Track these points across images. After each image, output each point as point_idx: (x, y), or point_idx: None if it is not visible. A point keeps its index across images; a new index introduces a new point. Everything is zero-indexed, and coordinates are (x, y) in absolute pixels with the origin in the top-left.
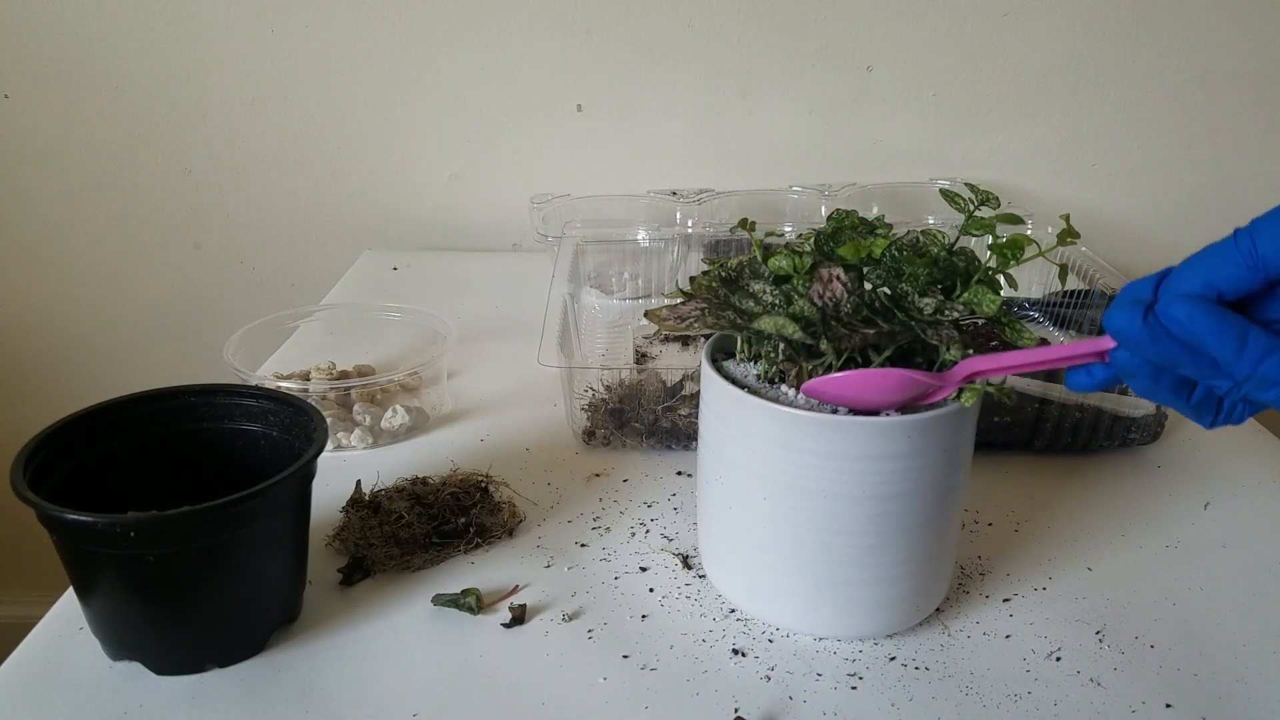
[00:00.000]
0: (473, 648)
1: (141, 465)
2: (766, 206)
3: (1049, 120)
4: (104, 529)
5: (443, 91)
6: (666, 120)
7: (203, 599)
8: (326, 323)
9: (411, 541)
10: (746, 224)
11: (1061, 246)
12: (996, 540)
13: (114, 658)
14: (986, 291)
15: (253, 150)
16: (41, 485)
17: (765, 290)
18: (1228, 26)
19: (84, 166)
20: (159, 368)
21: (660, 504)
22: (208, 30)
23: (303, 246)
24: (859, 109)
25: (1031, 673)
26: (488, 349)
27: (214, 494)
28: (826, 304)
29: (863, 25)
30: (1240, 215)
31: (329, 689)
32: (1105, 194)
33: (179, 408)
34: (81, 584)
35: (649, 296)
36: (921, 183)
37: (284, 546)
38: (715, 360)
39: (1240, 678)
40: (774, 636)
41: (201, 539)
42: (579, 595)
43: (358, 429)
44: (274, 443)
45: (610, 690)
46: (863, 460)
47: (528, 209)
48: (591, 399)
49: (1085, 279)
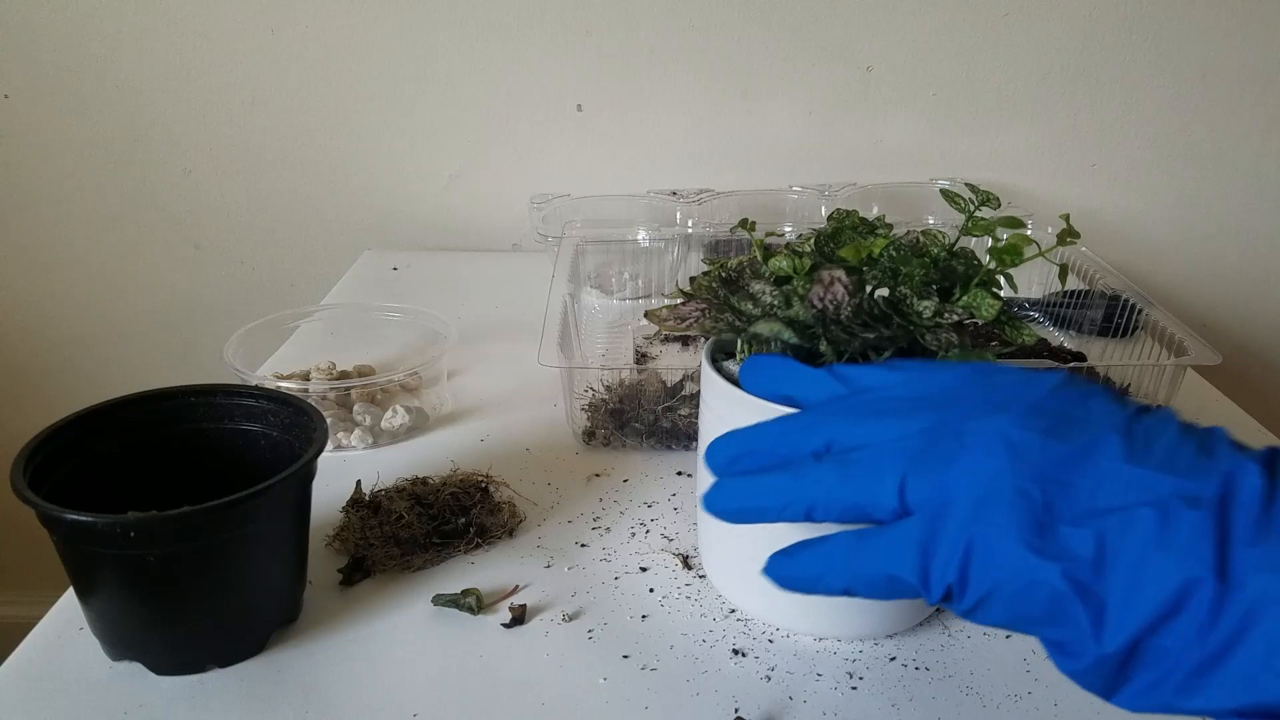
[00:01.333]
0: (473, 648)
1: (142, 465)
2: (766, 206)
3: (1049, 120)
4: (104, 529)
5: (443, 91)
6: (666, 120)
7: (203, 599)
8: (326, 323)
9: (411, 541)
10: (747, 224)
11: (1061, 247)
12: None
13: (114, 658)
14: (985, 295)
15: (253, 150)
16: (41, 485)
17: (765, 291)
18: (1228, 26)
19: (84, 166)
20: (159, 368)
21: (660, 504)
22: (208, 30)
23: (303, 246)
24: (859, 109)
25: (1031, 673)
26: (488, 349)
27: (214, 494)
28: (827, 307)
29: (863, 25)
30: (1240, 215)
31: (329, 689)
32: (1105, 194)
33: (179, 408)
34: (81, 584)
35: (649, 296)
36: (921, 183)
37: (284, 546)
38: (715, 360)
39: None
40: (774, 637)
41: (202, 539)
42: (579, 595)
43: (358, 429)
44: (274, 443)
45: (610, 690)
46: None
47: (528, 209)
48: (591, 399)
49: (1085, 279)
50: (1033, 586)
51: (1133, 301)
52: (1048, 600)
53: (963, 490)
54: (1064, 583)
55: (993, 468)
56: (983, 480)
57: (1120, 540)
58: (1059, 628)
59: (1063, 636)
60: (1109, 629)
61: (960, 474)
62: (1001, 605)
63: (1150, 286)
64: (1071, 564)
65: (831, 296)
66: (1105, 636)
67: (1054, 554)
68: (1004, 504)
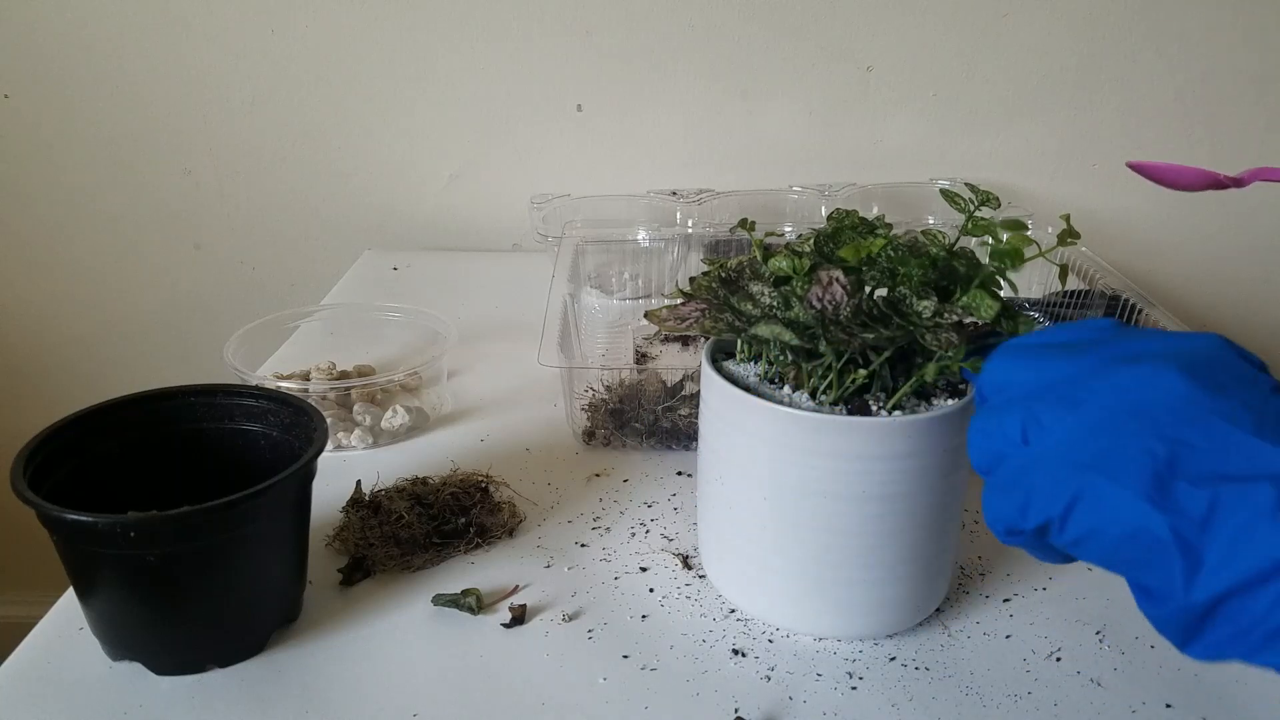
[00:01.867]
0: (473, 648)
1: (142, 465)
2: (766, 206)
3: (1049, 120)
4: (104, 529)
5: (443, 91)
6: (667, 120)
7: (203, 599)
8: (326, 323)
9: (412, 541)
10: (746, 224)
11: (1061, 247)
12: (997, 540)
13: (114, 658)
14: (985, 296)
15: (253, 150)
16: (41, 485)
17: (764, 292)
18: (1228, 26)
19: (84, 166)
20: (159, 368)
21: (660, 504)
22: (208, 30)
23: (303, 246)
24: (859, 109)
25: (1031, 673)
26: (488, 349)
27: (214, 494)
28: (825, 307)
29: (863, 25)
30: (1240, 215)
31: (329, 689)
32: (1105, 194)
33: (179, 408)
34: (81, 584)
35: (649, 296)
36: (921, 183)
37: (284, 546)
38: (715, 360)
39: (1240, 678)
40: (774, 636)
41: (202, 539)
42: (579, 595)
43: (358, 429)
44: (274, 443)
45: (610, 690)
46: (864, 460)
47: (528, 209)
48: (591, 399)
49: (1085, 279)
50: (1138, 533)
51: (1133, 301)
52: (1148, 547)
53: (1086, 432)
54: (1169, 534)
55: (1124, 418)
56: (1113, 427)
57: (1233, 506)
58: (1151, 573)
59: (1152, 582)
60: (1200, 583)
61: (1088, 417)
62: (1101, 545)
63: (1150, 286)
64: (1180, 519)
65: (830, 297)
66: (1194, 589)
67: (1167, 507)
68: (1129, 455)
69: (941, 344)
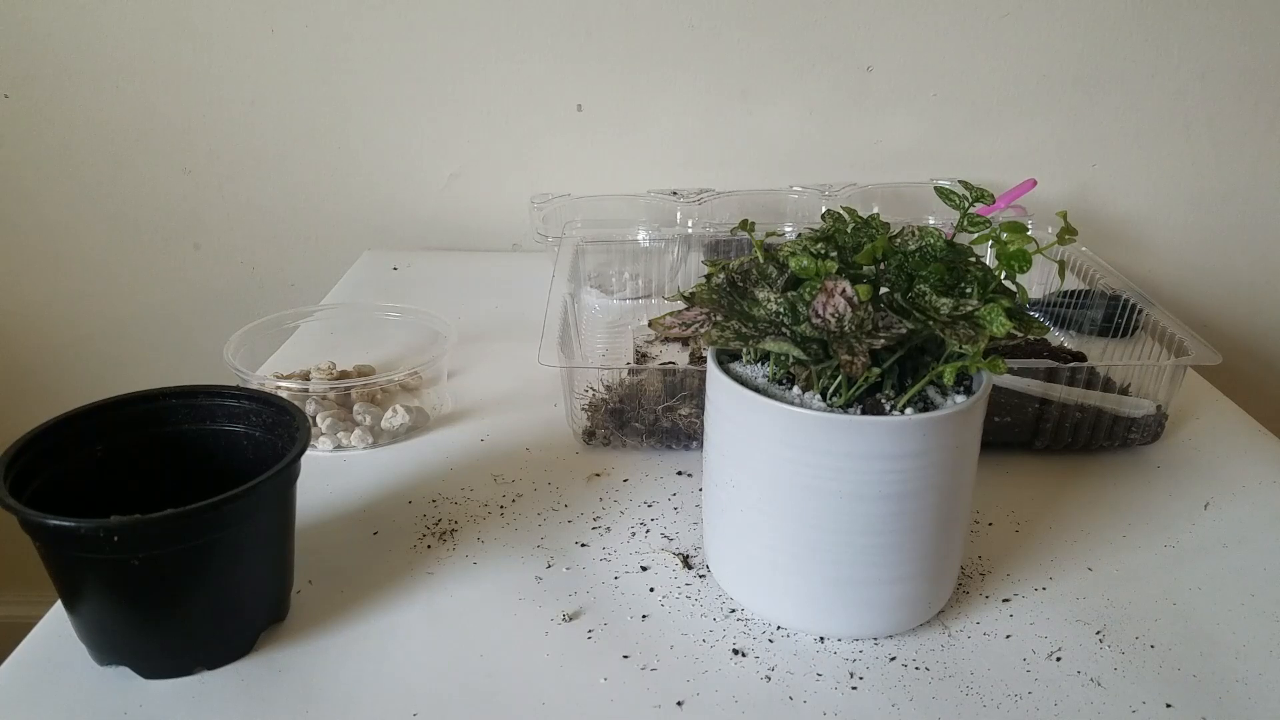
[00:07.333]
0: (473, 648)
1: (124, 469)
2: (767, 206)
3: (1049, 120)
4: (87, 533)
5: (443, 91)
6: (666, 120)
7: (189, 602)
8: (326, 323)
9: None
10: (747, 225)
11: (1060, 245)
12: (997, 540)
13: (101, 663)
14: (999, 312)
15: (253, 150)
16: (23, 491)
17: (770, 299)
18: (1228, 26)
19: (84, 166)
20: (159, 368)
21: (660, 504)
22: (208, 30)
23: (303, 246)
24: (859, 109)
25: (1032, 673)
26: (488, 349)
27: (198, 496)
28: (828, 319)
29: (863, 25)
30: (1240, 215)
31: (328, 689)
32: (1105, 194)
33: (161, 410)
34: (66, 590)
35: (649, 296)
36: (921, 183)
37: (270, 547)
38: (722, 362)
39: (1240, 678)
40: (774, 636)
41: (186, 541)
42: (579, 595)
43: (358, 429)
44: (257, 443)
45: (610, 690)
46: (873, 460)
47: (528, 209)
48: (591, 399)
49: (1085, 279)
50: None
51: (1133, 301)
52: None
53: None
54: None
55: None
56: None
57: None
58: None
59: None
60: None
61: None
62: None
63: (1150, 286)
64: None
65: (834, 308)
66: None
67: None
68: None
69: (961, 339)
